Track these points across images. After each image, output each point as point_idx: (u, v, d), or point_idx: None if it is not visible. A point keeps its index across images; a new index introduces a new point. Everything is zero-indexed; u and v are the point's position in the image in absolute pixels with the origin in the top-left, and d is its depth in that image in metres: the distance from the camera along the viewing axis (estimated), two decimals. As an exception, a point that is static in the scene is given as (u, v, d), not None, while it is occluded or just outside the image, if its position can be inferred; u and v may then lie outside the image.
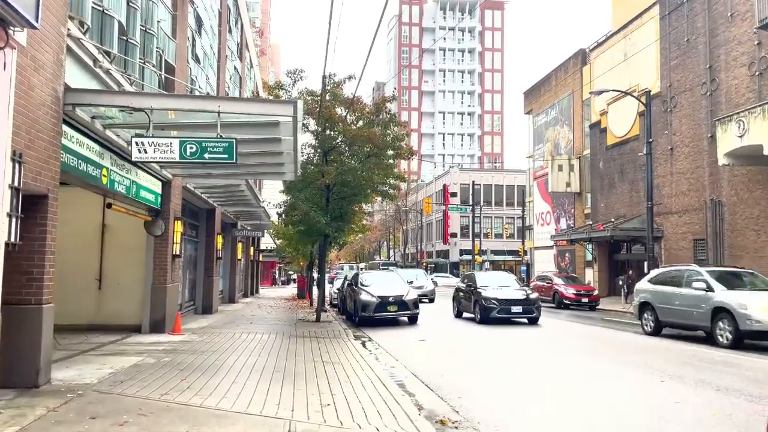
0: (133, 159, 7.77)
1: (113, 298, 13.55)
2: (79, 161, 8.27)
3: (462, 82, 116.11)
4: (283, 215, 18.54)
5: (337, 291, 24.93)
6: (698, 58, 27.44)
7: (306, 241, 19.99)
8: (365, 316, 17.78)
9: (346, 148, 17.61)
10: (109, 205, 10.23)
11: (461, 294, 20.71)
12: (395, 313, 17.97)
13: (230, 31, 21.72)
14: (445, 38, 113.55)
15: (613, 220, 30.58)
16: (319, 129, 17.26)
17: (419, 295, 24.15)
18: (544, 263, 43.55)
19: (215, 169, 11.61)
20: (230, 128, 8.48)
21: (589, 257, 36.70)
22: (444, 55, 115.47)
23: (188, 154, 7.60)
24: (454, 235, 68.44)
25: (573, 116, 39.52)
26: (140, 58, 10.67)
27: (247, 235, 27.09)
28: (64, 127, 7.55)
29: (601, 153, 35.55)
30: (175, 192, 13.83)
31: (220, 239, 20.92)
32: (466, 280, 21.20)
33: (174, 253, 13.64)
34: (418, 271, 36.23)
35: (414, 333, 16.21)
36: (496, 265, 66.59)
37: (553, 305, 27.85)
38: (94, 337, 12.16)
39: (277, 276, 69.14)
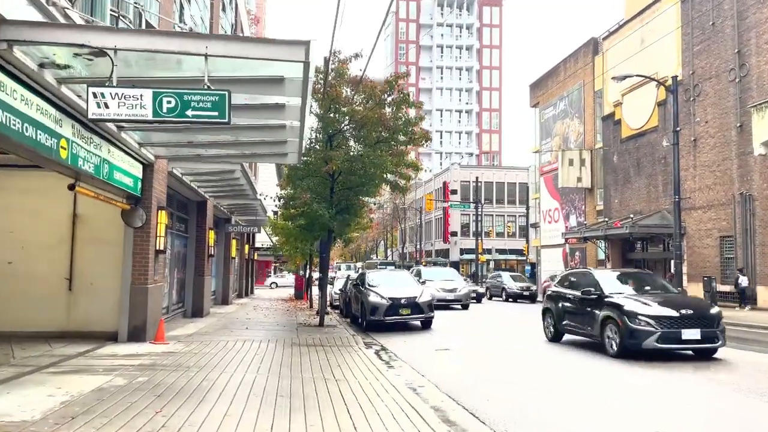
0: (90, 116, 5.84)
1: (86, 300, 11.59)
2: (26, 125, 6.35)
3: (459, 79, 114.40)
4: (282, 207, 16.56)
5: (339, 292, 23.01)
6: (725, 43, 25.68)
7: (307, 237, 18.05)
8: (374, 320, 15.90)
9: (354, 133, 15.71)
10: (72, 187, 8.34)
11: (566, 305, 12.98)
12: (408, 317, 16.10)
13: (224, 9, 19.76)
14: (442, 35, 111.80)
15: (632, 216, 28.78)
16: (323, 111, 15.33)
17: (450, 300, 23.34)
18: (552, 262, 41.71)
19: (201, 133, 9.65)
20: (221, 86, 6.56)
21: (602, 256, 34.90)
22: (441, 52, 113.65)
23: (165, 110, 5.70)
24: (454, 233, 66.58)
25: (584, 108, 37.72)
26: (113, 10, 8.72)
27: (242, 231, 25.12)
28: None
29: (615, 146, 33.77)
30: (159, 177, 11.90)
31: (212, 234, 18.98)
32: (573, 284, 13.24)
33: (157, 248, 11.71)
34: (448, 270, 29.33)
35: (432, 339, 14.33)
36: (497, 264, 64.79)
37: (570, 307, 25.99)
38: (60, 347, 10.21)
39: (272, 276, 67.01)
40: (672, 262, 23.21)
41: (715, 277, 23.17)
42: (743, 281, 24.12)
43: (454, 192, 64.80)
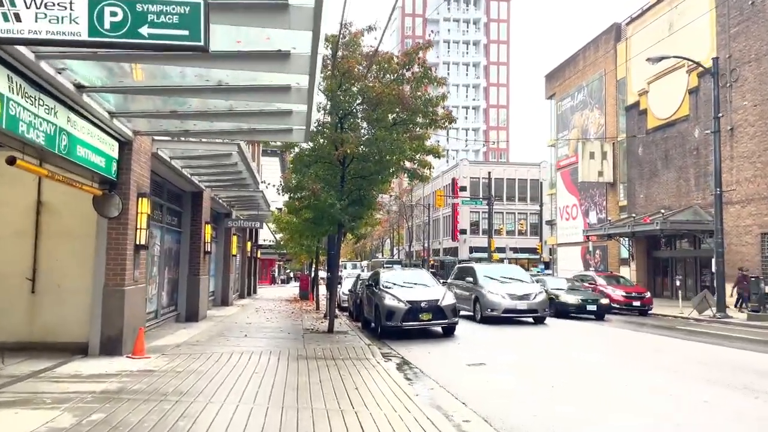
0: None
1: (52, 305, 9.70)
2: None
3: (466, 75, 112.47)
4: (286, 194, 14.60)
5: (348, 293, 21.11)
6: (767, 24, 23.64)
7: (315, 232, 16.14)
8: (390, 326, 13.98)
9: (368, 113, 13.77)
10: (11, 161, 6.42)
11: None
12: (429, 323, 14.17)
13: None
14: (449, 30, 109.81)
15: (662, 211, 26.74)
16: (333, 89, 13.37)
17: (523, 310, 17.18)
18: (569, 261, 39.74)
19: (186, 95, 7.73)
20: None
21: (625, 254, 32.93)
22: (448, 48, 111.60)
23: (107, 27, 3.80)
24: (463, 231, 64.51)
25: (605, 98, 35.70)
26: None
27: (243, 226, 23.21)
28: None
29: (639, 138, 31.74)
30: (141, 159, 10.00)
31: (209, 230, 17.09)
32: None
33: (138, 242, 9.82)
34: (515, 269, 21.18)
35: (459, 349, 12.40)
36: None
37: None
38: (15, 364, 8.33)
39: (276, 274, 65.16)
40: (713, 260, 21.17)
41: (763, 277, 21.10)
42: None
43: (463, 189, 62.76)
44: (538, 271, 47.29)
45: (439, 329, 14.94)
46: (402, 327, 13.97)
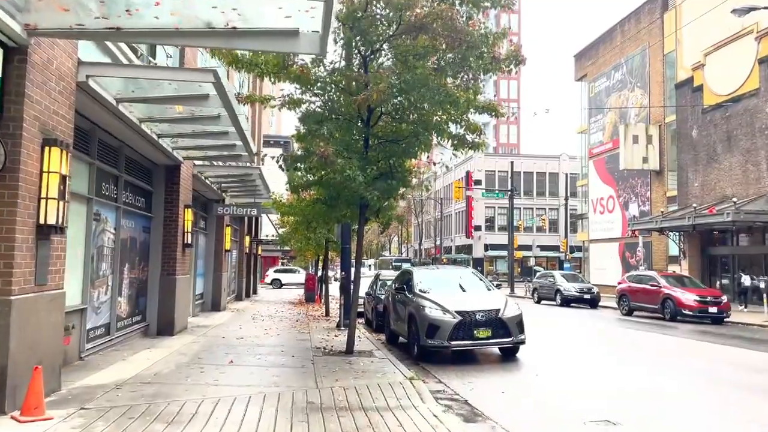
0: None
1: None
2: None
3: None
4: (289, 169, 10.55)
5: (365, 296, 17.23)
6: None
7: (326, 218, 12.18)
8: (433, 345, 10.08)
9: (404, 50, 9.78)
10: None
11: None
12: (487, 341, 10.24)
13: None
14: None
15: (734, 200, 22.72)
16: (351, 10, 9.40)
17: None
18: (604, 259, 35.73)
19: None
20: None
21: (674, 251, 28.92)
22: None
23: None
24: (478, 227, 60.43)
25: (649, 76, 31.66)
26: None
27: (237, 214, 19.28)
28: None
29: (693, 118, 27.69)
30: (48, 82, 6.10)
31: (189, 215, 13.18)
32: None
33: (42, 221, 5.93)
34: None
35: (543, 384, 8.48)
36: (523, 262, 58.68)
37: (661, 316, 20.09)
38: None
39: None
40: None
41: None
42: (746, 281, 22.88)
43: (477, 182, 58.82)
44: (566, 269, 42.93)
45: (495, 349, 11.06)
46: (450, 347, 10.07)
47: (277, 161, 10.88)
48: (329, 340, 12.25)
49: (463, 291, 11.31)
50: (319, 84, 10.17)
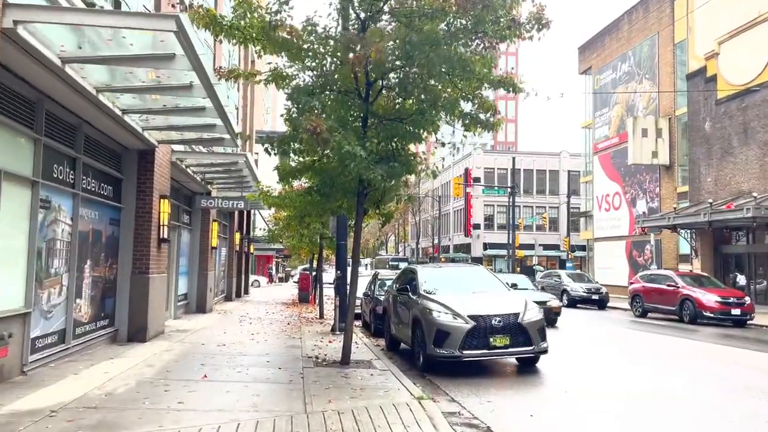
0: None
1: None
2: None
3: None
4: (276, 151, 9.09)
5: (363, 297, 15.84)
6: None
7: (320, 209, 10.74)
8: (442, 354, 8.68)
9: (407, 11, 8.37)
10: None
11: None
12: (504, 350, 8.84)
13: None
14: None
15: (755, 195, 21.40)
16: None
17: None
18: (609, 258, 34.43)
19: None
20: None
21: (685, 250, 27.62)
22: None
23: None
24: (477, 226, 59.07)
25: (658, 66, 30.35)
26: None
27: (222, 207, 17.78)
28: None
29: (707, 110, 26.37)
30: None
31: (166, 207, 11.75)
32: None
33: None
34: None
35: (574, 403, 7.09)
36: (522, 262, 57.28)
37: (678, 318, 18.75)
38: None
39: (274, 272, 59.69)
40: None
41: None
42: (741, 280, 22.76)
43: (476, 180, 57.49)
44: (567, 268, 41.54)
45: (512, 359, 9.68)
46: (462, 357, 8.67)
47: (263, 144, 9.45)
48: (322, 347, 10.86)
49: (475, 292, 9.90)
50: (311, 54, 8.76)
